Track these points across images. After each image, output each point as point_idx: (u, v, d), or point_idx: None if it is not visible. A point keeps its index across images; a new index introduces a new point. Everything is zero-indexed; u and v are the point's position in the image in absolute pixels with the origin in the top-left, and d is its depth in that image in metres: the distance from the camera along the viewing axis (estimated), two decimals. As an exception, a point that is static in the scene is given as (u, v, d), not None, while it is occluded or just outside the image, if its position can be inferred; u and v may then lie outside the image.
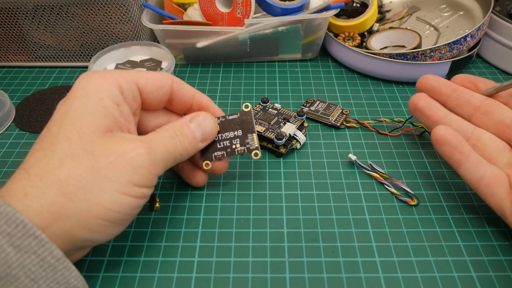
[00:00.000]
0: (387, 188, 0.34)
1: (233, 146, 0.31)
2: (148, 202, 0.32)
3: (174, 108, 0.32)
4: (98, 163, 0.23)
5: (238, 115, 0.32)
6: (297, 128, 0.37)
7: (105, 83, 0.26)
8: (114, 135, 0.25)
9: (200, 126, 0.29)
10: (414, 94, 0.35)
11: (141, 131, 0.31)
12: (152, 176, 0.25)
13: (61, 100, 0.26)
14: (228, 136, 0.31)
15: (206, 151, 0.31)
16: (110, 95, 0.26)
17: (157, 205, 0.32)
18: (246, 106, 0.32)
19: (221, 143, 0.31)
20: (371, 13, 0.50)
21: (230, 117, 0.32)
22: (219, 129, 0.31)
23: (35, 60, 0.50)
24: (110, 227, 0.24)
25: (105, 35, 0.48)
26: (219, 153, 0.31)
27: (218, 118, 0.32)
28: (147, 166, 0.25)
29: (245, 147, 0.31)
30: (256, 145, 0.31)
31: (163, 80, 0.29)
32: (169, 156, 0.27)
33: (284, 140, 0.35)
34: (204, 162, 0.31)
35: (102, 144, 0.24)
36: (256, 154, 0.31)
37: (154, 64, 0.46)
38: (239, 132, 0.32)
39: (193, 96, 0.31)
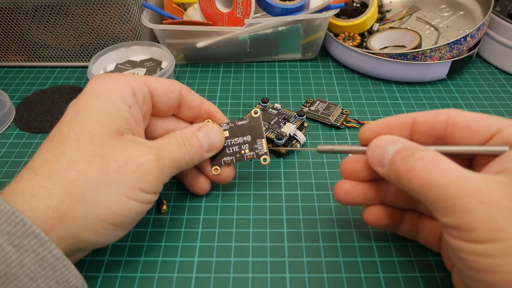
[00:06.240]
0: (387, 188, 0.34)
1: (242, 152, 0.31)
2: (155, 203, 0.32)
3: (183, 115, 0.32)
4: (107, 167, 0.23)
5: (247, 120, 0.32)
6: (297, 128, 0.37)
7: (118, 84, 0.26)
8: (124, 138, 0.25)
9: (207, 136, 0.30)
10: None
11: (148, 136, 0.31)
12: (159, 183, 0.26)
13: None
14: (237, 141, 0.32)
15: (215, 157, 0.31)
16: (122, 96, 0.26)
17: (164, 207, 0.32)
18: (255, 112, 0.32)
19: (230, 148, 0.31)
20: (371, 13, 0.50)
21: (239, 123, 0.32)
22: (228, 135, 0.32)
23: (35, 60, 0.50)
24: (115, 231, 0.24)
25: (105, 35, 0.48)
26: (228, 158, 0.31)
27: (228, 123, 0.32)
28: (155, 174, 0.25)
29: (254, 152, 0.31)
30: (265, 150, 0.31)
31: (173, 85, 0.30)
32: (176, 164, 0.27)
33: (284, 140, 0.35)
34: (214, 167, 0.31)
35: (112, 147, 0.24)
36: (265, 159, 0.31)
37: (154, 64, 0.46)
38: (248, 138, 0.32)
39: (201, 103, 0.31)
